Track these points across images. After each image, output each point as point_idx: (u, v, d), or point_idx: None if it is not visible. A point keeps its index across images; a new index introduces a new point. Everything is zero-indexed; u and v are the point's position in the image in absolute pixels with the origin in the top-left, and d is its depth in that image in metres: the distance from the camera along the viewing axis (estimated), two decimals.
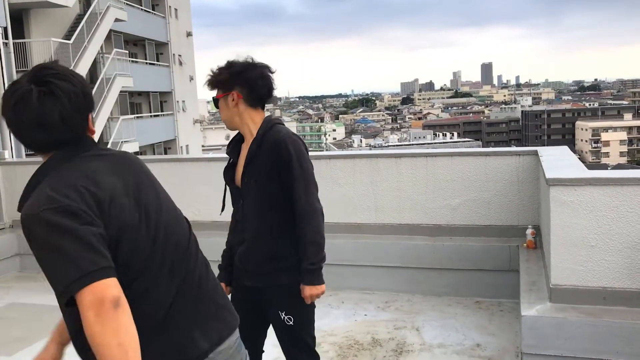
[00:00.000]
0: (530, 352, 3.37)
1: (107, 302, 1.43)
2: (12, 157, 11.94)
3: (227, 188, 2.72)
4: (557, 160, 4.30)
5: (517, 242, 4.85)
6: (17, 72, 17.12)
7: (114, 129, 23.29)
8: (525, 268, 4.23)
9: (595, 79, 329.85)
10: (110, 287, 1.46)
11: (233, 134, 2.75)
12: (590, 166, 5.08)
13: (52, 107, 1.59)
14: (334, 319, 4.72)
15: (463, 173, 5.20)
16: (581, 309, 3.36)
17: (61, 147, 1.64)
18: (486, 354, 4.00)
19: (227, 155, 2.73)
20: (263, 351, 2.80)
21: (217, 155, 6.99)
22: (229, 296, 2.67)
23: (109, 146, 18.42)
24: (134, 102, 28.60)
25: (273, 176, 2.50)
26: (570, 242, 3.42)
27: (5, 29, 7.55)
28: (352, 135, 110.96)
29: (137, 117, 27.35)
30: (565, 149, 5.11)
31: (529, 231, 4.69)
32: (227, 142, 2.78)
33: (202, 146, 38.41)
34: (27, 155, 16.36)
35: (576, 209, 3.38)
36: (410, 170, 5.36)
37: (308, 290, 2.55)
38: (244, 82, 2.50)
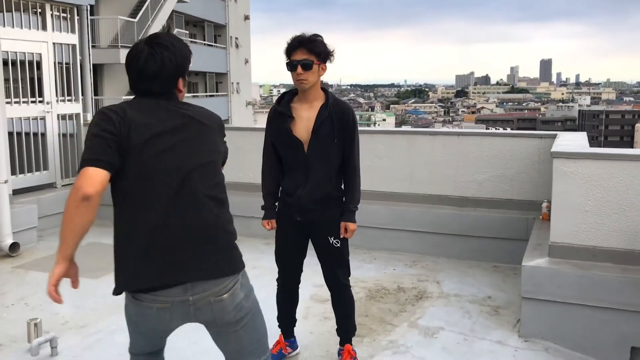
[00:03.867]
0: (528, 296, 3.99)
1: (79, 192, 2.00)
2: None
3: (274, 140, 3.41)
4: (568, 142, 4.87)
5: (535, 214, 5.43)
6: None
7: None
8: (535, 234, 4.82)
9: None
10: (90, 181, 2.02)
11: None
12: None
13: (152, 66, 2.20)
14: (366, 271, 5.41)
15: (490, 151, 5.79)
16: (573, 263, 3.96)
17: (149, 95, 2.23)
18: (495, 304, 4.64)
19: None
20: (302, 271, 3.54)
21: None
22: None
23: None
24: (191, 82, 29.70)
25: (337, 136, 3.27)
26: (568, 207, 4.01)
27: (92, 7, 8.47)
28: (402, 126, 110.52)
29: (194, 96, 28.47)
30: (583, 134, 5.65)
31: (544, 204, 5.26)
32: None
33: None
34: None
35: (574, 178, 3.97)
36: (443, 147, 5.99)
37: (352, 226, 3.36)
38: (330, 60, 3.32)
